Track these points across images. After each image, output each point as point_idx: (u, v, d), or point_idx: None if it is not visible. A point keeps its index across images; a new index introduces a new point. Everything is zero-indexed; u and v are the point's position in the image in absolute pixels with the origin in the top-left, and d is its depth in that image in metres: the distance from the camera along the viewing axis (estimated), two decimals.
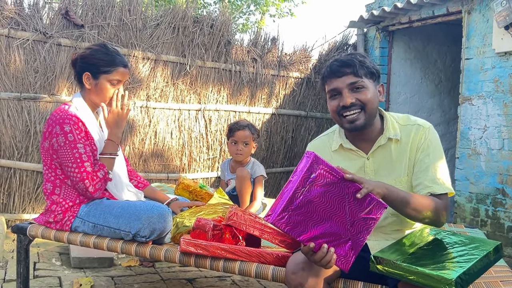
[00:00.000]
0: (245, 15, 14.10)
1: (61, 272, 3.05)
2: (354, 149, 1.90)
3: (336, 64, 1.82)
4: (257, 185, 3.18)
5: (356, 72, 1.80)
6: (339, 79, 1.81)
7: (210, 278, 3.12)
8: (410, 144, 1.85)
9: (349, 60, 1.80)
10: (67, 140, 2.22)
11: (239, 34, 11.57)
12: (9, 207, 4.00)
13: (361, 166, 1.89)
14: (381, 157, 1.88)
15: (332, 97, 1.85)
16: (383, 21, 5.31)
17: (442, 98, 5.89)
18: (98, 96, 2.34)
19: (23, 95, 3.95)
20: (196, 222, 2.10)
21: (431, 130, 1.87)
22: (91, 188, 2.24)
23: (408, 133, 1.87)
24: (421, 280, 1.50)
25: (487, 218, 4.27)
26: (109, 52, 2.33)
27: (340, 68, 1.81)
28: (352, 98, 1.79)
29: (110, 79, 2.31)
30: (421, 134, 1.85)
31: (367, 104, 1.80)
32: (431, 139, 1.85)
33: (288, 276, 1.71)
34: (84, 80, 2.33)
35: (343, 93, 1.81)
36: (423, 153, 1.83)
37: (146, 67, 4.44)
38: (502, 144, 4.14)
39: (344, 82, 1.80)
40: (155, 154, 4.61)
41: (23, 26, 3.93)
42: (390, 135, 1.86)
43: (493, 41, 4.14)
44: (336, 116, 1.85)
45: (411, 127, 1.87)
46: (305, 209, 1.49)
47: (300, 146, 5.45)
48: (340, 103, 1.81)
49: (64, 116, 2.25)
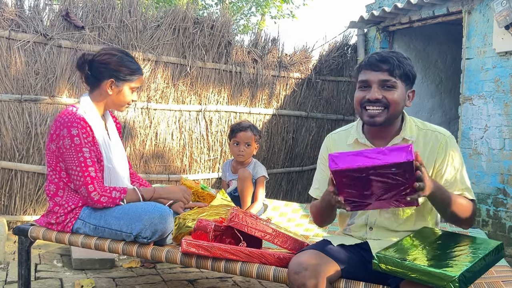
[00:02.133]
0: (246, 16, 14.11)
1: (63, 273, 3.05)
2: (368, 144, 1.91)
3: (376, 57, 1.83)
4: (258, 186, 3.18)
5: (391, 71, 1.81)
6: (373, 72, 1.82)
7: (212, 279, 3.12)
8: (429, 150, 1.86)
9: (389, 57, 1.81)
10: (73, 144, 2.22)
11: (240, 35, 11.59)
12: (10, 208, 4.00)
13: None
14: None
15: (361, 87, 1.87)
16: (383, 21, 5.32)
17: (443, 98, 5.89)
18: (117, 102, 2.39)
19: (24, 97, 3.95)
20: (198, 223, 2.10)
21: (452, 139, 1.89)
22: (95, 195, 2.22)
23: (426, 138, 1.88)
24: (424, 278, 1.50)
25: (488, 218, 4.27)
26: (133, 60, 2.40)
27: (377, 62, 1.81)
28: (380, 94, 1.81)
29: (132, 86, 2.38)
30: (442, 143, 1.86)
31: (392, 104, 1.82)
32: (454, 150, 1.87)
33: (290, 276, 1.71)
34: (107, 86, 2.33)
35: (373, 87, 1.82)
36: (449, 166, 1.85)
37: (147, 68, 4.44)
38: (503, 144, 4.14)
39: (377, 77, 1.82)
40: (156, 155, 4.61)
41: (24, 28, 3.94)
42: (406, 135, 1.88)
43: (494, 41, 4.14)
44: (358, 107, 1.87)
45: (431, 133, 1.89)
46: (360, 181, 1.58)
47: (301, 147, 5.46)
48: (366, 96, 1.83)
49: (72, 119, 2.24)
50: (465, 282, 1.48)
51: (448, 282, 1.45)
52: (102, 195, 2.24)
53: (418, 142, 1.87)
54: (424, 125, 1.93)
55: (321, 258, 1.75)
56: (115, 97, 2.35)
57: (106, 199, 2.24)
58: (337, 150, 1.85)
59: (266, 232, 2.03)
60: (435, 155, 1.85)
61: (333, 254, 1.80)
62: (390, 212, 1.89)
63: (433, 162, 1.86)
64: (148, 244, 2.20)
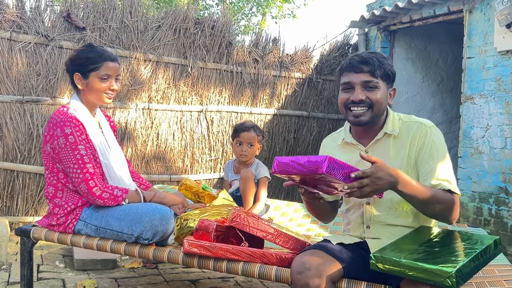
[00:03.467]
0: (247, 16, 14.12)
1: (65, 274, 3.06)
2: (355, 142, 1.98)
3: (356, 59, 1.87)
4: (260, 186, 3.18)
5: (373, 72, 1.85)
6: (355, 74, 1.87)
7: (213, 279, 3.12)
8: (410, 141, 1.89)
9: (370, 59, 1.85)
10: (68, 142, 2.22)
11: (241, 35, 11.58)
12: (12, 209, 4.01)
13: (360, 159, 1.92)
14: (379, 151, 1.92)
15: (344, 89, 1.91)
16: (384, 21, 5.31)
17: (444, 97, 5.89)
18: (93, 95, 2.36)
19: (26, 98, 3.96)
20: (199, 223, 2.10)
21: (433, 129, 1.90)
22: (96, 190, 2.22)
23: (408, 130, 1.91)
24: (421, 275, 1.50)
25: (490, 217, 4.27)
26: (94, 50, 2.36)
27: (359, 64, 1.86)
28: (363, 95, 1.85)
29: (100, 75, 2.33)
30: (422, 133, 1.88)
31: (375, 104, 1.86)
32: (434, 139, 1.87)
33: (293, 276, 1.71)
34: (76, 82, 2.36)
35: (356, 88, 1.86)
36: (426, 155, 1.85)
37: (148, 69, 4.45)
38: (505, 143, 4.14)
39: (359, 79, 1.86)
40: (157, 155, 4.62)
41: (25, 29, 3.95)
42: (387, 130, 1.92)
43: (495, 39, 4.14)
44: (343, 108, 1.92)
45: (413, 125, 1.92)
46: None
47: (302, 147, 5.45)
48: (350, 98, 1.87)
49: (64, 118, 2.25)
50: (463, 278, 1.49)
51: (445, 278, 1.46)
52: (103, 191, 2.24)
53: (401, 135, 1.91)
54: (409, 118, 1.96)
55: (324, 257, 1.76)
56: (87, 90, 2.35)
57: (107, 195, 2.25)
58: (329, 152, 2.02)
59: (268, 232, 2.03)
60: (416, 143, 1.88)
61: (336, 253, 1.80)
62: (386, 206, 1.90)
63: (414, 150, 1.88)
64: (150, 245, 2.21)
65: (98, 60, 2.33)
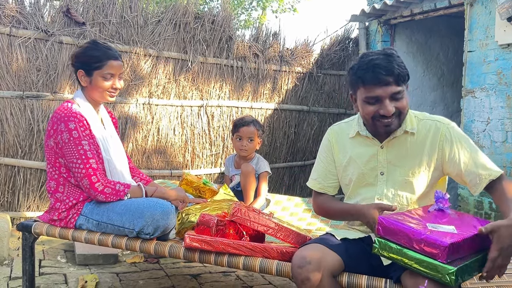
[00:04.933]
0: (247, 11, 14.08)
1: (67, 269, 3.07)
2: (370, 136, 1.94)
3: (381, 72, 1.78)
4: (261, 181, 3.19)
5: (397, 81, 1.80)
6: (382, 87, 1.80)
7: (215, 273, 3.13)
8: (430, 140, 1.89)
9: (393, 68, 1.78)
10: (72, 137, 2.23)
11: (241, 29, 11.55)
12: (14, 205, 4.02)
13: (374, 154, 1.95)
14: (396, 148, 1.91)
15: (369, 102, 1.84)
16: (384, 15, 5.29)
17: (445, 91, 5.87)
18: (96, 93, 2.36)
19: (26, 94, 3.96)
20: (200, 218, 2.11)
21: (452, 126, 1.91)
22: (99, 185, 2.23)
23: (427, 128, 1.90)
24: (422, 267, 1.51)
25: (491, 211, 4.27)
26: (98, 48, 2.35)
27: (384, 77, 1.78)
28: (392, 107, 1.81)
29: (103, 74, 2.33)
30: (443, 132, 1.88)
31: (403, 111, 1.85)
32: (458, 136, 1.88)
33: (294, 270, 1.72)
34: (80, 78, 2.36)
35: (385, 102, 1.81)
36: (459, 150, 1.85)
37: (148, 64, 4.44)
38: (506, 137, 4.13)
39: (387, 92, 1.80)
40: (158, 150, 4.62)
41: (25, 24, 3.94)
42: (407, 128, 1.90)
43: (496, 33, 4.12)
44: (370, 120, 1.86)
45: (431, 123, 1.91)
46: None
47: (303, 141, 5.45)
48: (379, 111, 1.82)
49: (68, 113, 2.26)
50: (462, 277, 1.48)
51: (444, 275, 1.46)
52: (106, 186, 2.25)
53: (419, 133, 1.91)
54: (423, 115, 1.96)
55: (325, 252, 1.76)
56: (91, 87, 2.35)
57: (109, 190, 2.25)
58: (340, 143, 1.98)
59: (268, 227, 2.03)
60: (437, 143, 1.88)
61: (336, 247, 1.81)
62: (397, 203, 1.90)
63: (435, 150, 1.88)
64: (151, 240, 2.21)
65: (102, 59, 2.33)
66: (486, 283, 1.88)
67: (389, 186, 1.92)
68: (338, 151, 2.04)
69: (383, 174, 1.93)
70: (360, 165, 1.96)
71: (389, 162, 1.92)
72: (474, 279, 1.88)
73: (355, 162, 1.98)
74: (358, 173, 1.97)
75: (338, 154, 2.04)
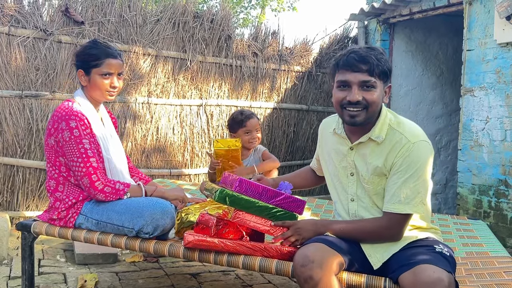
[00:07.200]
0: (246, 9, 14.07)
1: (66, 268, 3.07)
2: (344, 136, 1.97)
3: (354, 57, 1.79)
4: (267, 156, 3.23)
5: (371, 71, 1.79)
6: (353, 73, 1.80)
7: (214, 272, 3.13)
8: (389, 151, 1.85)
9: (368, 57, 1.78)
10: (73, 136, 2.22)
11: (240, 28, 11.55)
12: (13, 204, 4.02)
13: (345, 154, 1.97)
14: (361, 153, 1.93)
15: (339, 87, 1.85)
16: (383, 13, 5.29)
17: (444, 90, 5.87)
18: (95, 92, 2.36)
19: (25, 93, 3.96)
20: (200, 217, 2.10)
21: (417, 146, 1.82)
22: (99, 184, 2.22)
23: (393, 140, 1.86)
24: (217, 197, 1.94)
25: (490, 210, 4.27)
26: (97, 46, 2.35)
27: (357, 63, 1.78)
28: (360, 95, 1.80)
29: (101, 72, 2.32)
30: (404, 149, 1.81)
31: (371, 105, 1.82)
32: (413, 158, 1.80)
33: (297, 269, 1.72)
34: (79, 78, 2.37)
35: (353, 88, 1.81)
36: (401, 168, 1.81)
37: (147, 63, 4.44)
38: (505, 135, 4.14)
39: (356, 78, 1.80)
40: (157, 150, 4.62)
41: (23, 23, 3.93)
42: (372, 136, 1.88)
43: (495, 32, 4.12)
44: (338, 107, 1.88)
45: (398, 135, 1.85)
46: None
47: (302, 140, 5.45)
48: (347, 97, 1.82)
49: (69, 112, 2.26)
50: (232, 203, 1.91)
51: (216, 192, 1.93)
52: (106, 185, 2.24)
53: (384, 143, 1.86)
54: (399, 124, 1.88)
55: (326, 250, 1.77)
56: (90, 86, 2.35)
57: (109, 189, 2.25)
58: (324, 136, 2.11)
59: (269, 226, 2.03)
60: (394, 156, 1.83)
61: (337, 247, 1.81)
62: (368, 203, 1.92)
63: (392, 161, 1.83)
64: (150, 239, 2.21)
65: (100, 57, 2.32)
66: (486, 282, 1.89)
67: (359, 187, 1.94)
68: (323, 144, 2.12)
69: (352, 175, 1.95)
70: (335, 162, 2.00)
71: (356, 164, 1.93)
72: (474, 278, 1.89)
73: (331, 159, 2.03)
74: (334, 169, 2.02)
75: (322, 146, 2.13)
